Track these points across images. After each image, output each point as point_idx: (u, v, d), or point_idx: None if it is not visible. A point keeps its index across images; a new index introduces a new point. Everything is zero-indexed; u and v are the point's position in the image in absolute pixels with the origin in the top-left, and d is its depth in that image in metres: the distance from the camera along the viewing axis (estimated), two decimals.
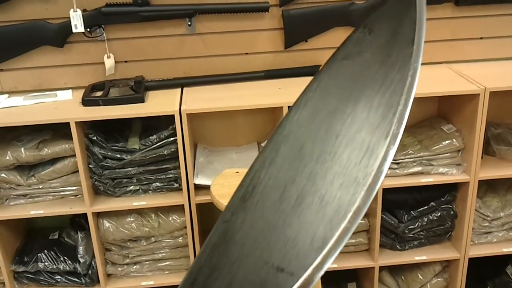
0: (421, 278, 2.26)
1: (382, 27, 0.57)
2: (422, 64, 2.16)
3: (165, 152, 1.95)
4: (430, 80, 2.03)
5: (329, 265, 0.38)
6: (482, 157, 2.04)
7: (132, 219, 2.03)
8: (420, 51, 0.53)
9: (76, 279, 2.07)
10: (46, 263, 2.05)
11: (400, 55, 0.50)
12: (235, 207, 0.49)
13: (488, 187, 2.24)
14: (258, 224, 0.46)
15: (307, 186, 0.46)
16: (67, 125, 1.82)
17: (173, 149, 1.94)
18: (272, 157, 0.51)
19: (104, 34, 1.99)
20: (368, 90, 0.51)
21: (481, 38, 2.18)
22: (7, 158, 1.91)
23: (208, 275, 0.39)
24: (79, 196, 2.00)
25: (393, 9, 0.58)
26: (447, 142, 2.05)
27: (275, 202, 0.46)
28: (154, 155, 1.95)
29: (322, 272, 0.38)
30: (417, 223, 2.14)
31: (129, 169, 1.96)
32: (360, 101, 0.51)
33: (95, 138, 1.92)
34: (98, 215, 2.03)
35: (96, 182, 1.97)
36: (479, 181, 2.04)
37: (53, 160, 1.96)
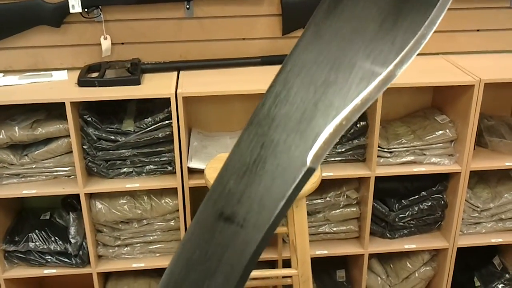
0: (410, 266, 2.29)
1: None
2: (418, 54, 2.18)
3: (159, 135, 1.95)
4: (425, 70, 2.04)
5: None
6: (474, 148, 2.06)
7: (124, 201, 2.04)
8: None
9: (66, 260, 2.07)
10: (37, 243, 2.05)
11: None
12: (324, 12, 0.47)
13: (479, 178, 2.27)
14: (344, 27, 0.44)
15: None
16: (62, 105, 1.82)
17: (167, 132, 1.94)
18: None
19: (102, 15, 1.98)
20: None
21: (478, 30, 2.19)
22: (1, 137, 1.90)
23: (302, 66, 0.39)
24: (72, 176, 2.00)
25: None
26: (440, 132, 2.07)
27: (360, 12, 0.45)
28: (149, 138, 1.95)
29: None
30: (407, 212, 2.17)
31: (123, 151, 1.96)
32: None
33: (89, 119, 1.91)
34: (91, 196, 2.03)
35: (89, 163, 1.97)
36: (470, 172, 2.07)
37: (47, 140, 1.95)
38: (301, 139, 0.37)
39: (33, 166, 1.97)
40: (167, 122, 1.94)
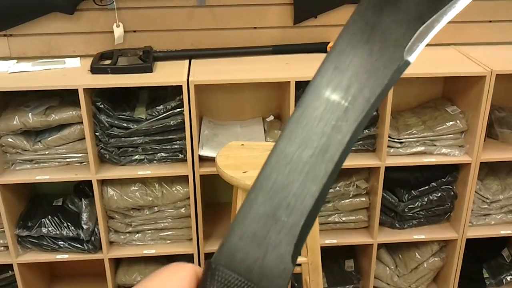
0: (419, 257, 2.30)
1: None
2: (430, 45, 2.17)
3: (171, 123, 1.96)
4: (437, 61, 2.04)
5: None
6: (484, 140, 2.06)
7: (136, 188, 2.06)
8: None
9: (78, 245, 2.10)
10: (50, 229, 2.07)
11: None
12: None
13: (489, 169, 2.27)
14: None
15: None
16: (74, 92, 1.83)
17: (179, 120, 1.96)
18: None
19: (114, 3, 1.99)
20: None
21: (490, 21, 2.18)
22: (15, 123, 1.92)
23: None
24: (85, 163, 2.02)
25: None
26: (450, 123, 2.07)
27: None
28: (160, 125, 1.96)
29: None
30: (417, 203, 2.17)
31: (135, 138, 1.97)
32: None
33: (102, 106, 1.93)
34: (103, 182, 2.05)
35: (101, 150, 1.98)
36: (480, 163, 2.07)
37: (60, 127, 1.97)
38: (399, 38, 0.40)
39: (46, 152, 1.99)
40: (178, 110, 1.95)
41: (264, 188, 0.39)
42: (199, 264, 2.12)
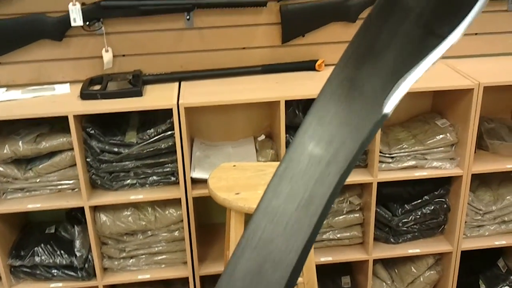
0: (414, 271, 2.30)
1: None
2: None
3: (162, 146, 1.96)
4: (425, 75, 2.03)
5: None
6: (475, 152, 2.07)
7: (129, 213, 2.04)
8: None
9: (72, 273, 2.07)
10: (43, 257, 2.05)
11: None
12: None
13: (480, 181, 2.28)
14: None
15: None
16: (65, 118, 1.83)
17: (170, 143, 1.95)
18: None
19: (103, 28, 1.99)
20: None
21: (476, 34, 2.21)
22: (5, 151, 1.91)
23: (373, 38, 0.41)
24: (76, 189, 2.00)
25: None
26: (441, 136, 2.08)
27: None
28: (152, 149, 1.96)
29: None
30: (410, 217, 2.17)
31: (127, 162, 1.97)
32: None
33: (92, 131, 1.92)
34: (95, 208, 2.04)
35: (93, 176, 1.97)
36: (472, 175, 2.08)
37: (51, 154, 1.96)
38: (378, 90, 0.41)
39: (37, 180, 1.98)
40: (169, 133, 1.95)
41: (250, 244, 0.39)
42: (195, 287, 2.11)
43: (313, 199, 0.39)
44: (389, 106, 0.39)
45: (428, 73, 1.96)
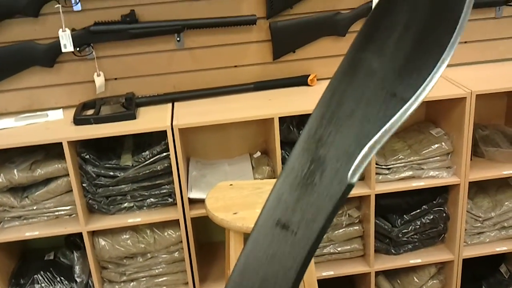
0: (417, 281, 2.29)
1: None
2: None
3: (158, 168, 1.96)
4: None
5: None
6: (471, 159, 2.07)
7: (127, 236, 2.03)
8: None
9: None
10: (43, 285, 2.04)
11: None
12: (361, 42, 0.53)
13: (478, 188, 2.28)
14: (379, 57, 0.49)
15: None
16: (59, 145, 1.83)
17: (166, 164, 1.95)
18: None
19: (94, 53, 2.00)
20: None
21: (465, 42, 2.22)
22: (0, 180, 1.90)
23: (343, 90, 0.42)
24: (74, 215, 2.00)
25: None
26: (436, 145, 2.08)
27: (392, 44, 0.51)
28: (148, 171, 1.95)
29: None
30: (410, 227, 2.17)
31: (123, 186, 1.96)
32: None
33: (87, 156, 1.92)
34: (93, 233, 2.03)
35: (90, 201, 1.97)
36: (469, 182, 2.08)
37: (46, 181, 1.96)
38: (341, 159, 0.41)
39: (34, 208, 1.97)
40: (164, 154, 1.94)
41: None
42: None
43: (279, 277, 0.39)
44: (355, 175, 0.39)
45: None
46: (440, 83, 2.07)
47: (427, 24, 0.54)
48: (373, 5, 2.06)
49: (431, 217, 2.17)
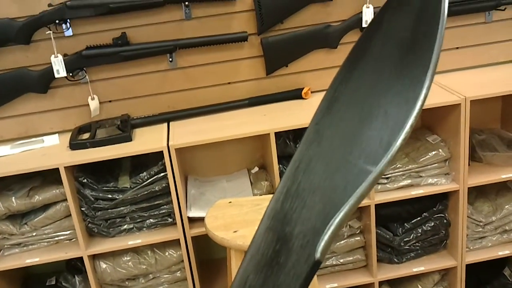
0: None
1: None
2: None
3: (156, 188, 1.95)
4: None
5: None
6: (469, 164, 2.07)
7: (128, 258, 2.03)
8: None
9: None
10: None
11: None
12: (323, 112, 0.54)
13: (478, 192, 2.27)
14: (340, 128, 0.50)
15: (374, 102, 0.51)
16: (56, 170, 1.82)
17: (164, 185, 1.95)
18: (348, 76, 0.57)
19: (87, 77, 2.00)
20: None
21: (457, 48, 2.23)
22: None
23: (307, 163, 0.42)
24: (74, 239, 1.99)
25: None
26: (433, 152, 2.08)
27: (353, 114, 0.51)
28: (146, 192, 1.95)
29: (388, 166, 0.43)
30: (412, 235, 2.16)
31: (122, 208, 1.95)
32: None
33: (85, 180, 1.91)
34: (94, 257, 2.02)
35: (89, 225, 1.96)
36: (468, 187, 2.07)
37: (45, 206, 1.95)
38: (309, 235, 0.40)
39: (34, 234, 1.96)
40: (162, 174, 1.94)
41: None
42: None
43: None
44: (323, 252, 0.39)
45: None
46: (434, 90, 2.08)
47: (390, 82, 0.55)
48: (363, 16, 2.06)
49: (432, 224, 2.17)
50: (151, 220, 2.00)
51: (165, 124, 2.06)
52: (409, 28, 0.57)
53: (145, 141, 1.93)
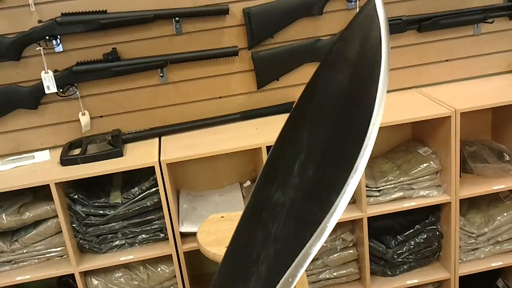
0: None
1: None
2: (393, 90, 2.18)
3: (148, 204, 1.94)
4: (401, 105, 2.07)
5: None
6: (460, 176, 2.08)
7: (120, 274, 2.01)
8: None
9: None
10: None
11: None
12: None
13: (470, 203, 2.28)
14: None
15: None
16: (47, 186, 1.81)
17: (155, 200, 1.94)
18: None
19: (77, 92, 2.00)
20: None
21: (446, 60, 2.24)
22: None
23: (247, 246, 0.43)
24: (65, 256, 1.97)
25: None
26: (424, 165, 2.09)
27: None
28: (138, 208, 1.94)
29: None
30: (405, 247, 2.16)
31: (113, 224, 1.94)
32: None
33: (76, 196, 1.90)
34: (86, 273, 2.00)
35: (81, 241, 1.95)
36: (460, 199, 2.08)
37: (36, 223, 1.94)
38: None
39: (24, 251, 1.95)
40: (154, 189, 1.93)
41: None
42: None
43: None
44: None
45: (404, 103, 2.00)
46: (424, 103, 2.09)
47: (331, 141, 0.56)
48: None
49: (425, 236, 2.17)
50: (143, 235, 1.98)
51: (157, 139, 2.06)
52: (346, 82, 0.58)
53: (137, 156, 1.93)
